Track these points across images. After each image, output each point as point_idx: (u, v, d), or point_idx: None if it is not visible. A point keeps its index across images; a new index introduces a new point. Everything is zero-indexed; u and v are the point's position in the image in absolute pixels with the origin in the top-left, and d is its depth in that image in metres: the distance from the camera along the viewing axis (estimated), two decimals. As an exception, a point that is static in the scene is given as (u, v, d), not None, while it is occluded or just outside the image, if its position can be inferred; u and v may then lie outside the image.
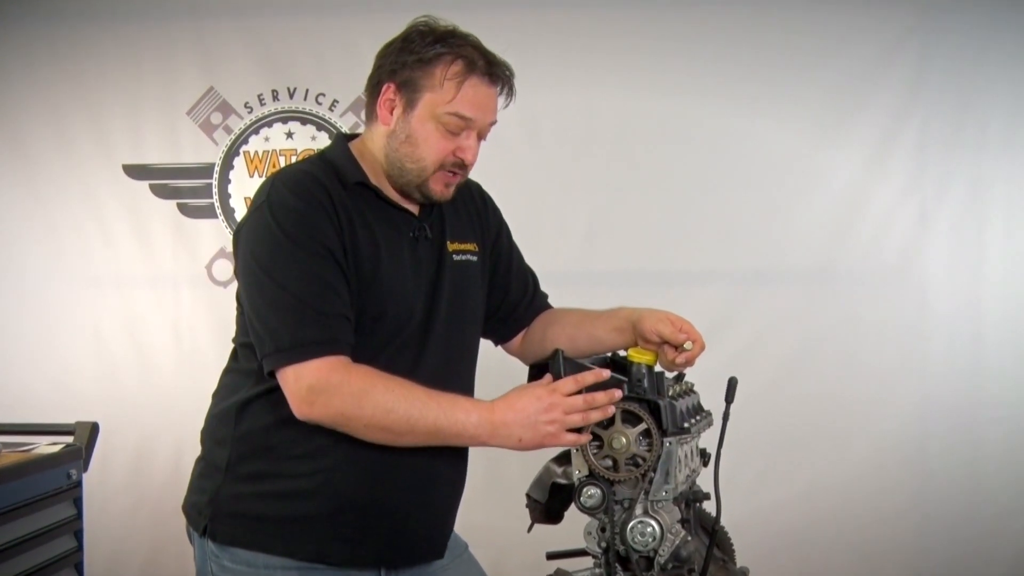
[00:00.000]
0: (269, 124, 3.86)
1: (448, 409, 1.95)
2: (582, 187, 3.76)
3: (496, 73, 2.06)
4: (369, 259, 2.03)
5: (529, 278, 2.43)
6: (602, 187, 3.76)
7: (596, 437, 2.05)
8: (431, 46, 2.03)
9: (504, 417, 1.96)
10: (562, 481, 2.12)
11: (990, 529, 3.66)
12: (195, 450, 2.21)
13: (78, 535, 3.29)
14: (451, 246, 2.20)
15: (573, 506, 2.08)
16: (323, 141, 3.79)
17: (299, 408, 1.97)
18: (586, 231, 3.75)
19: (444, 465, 2.20)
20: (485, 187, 2.40)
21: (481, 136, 2.11)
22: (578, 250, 3.72)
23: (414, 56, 2.03)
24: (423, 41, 2.03)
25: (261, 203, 2.01)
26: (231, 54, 3.86)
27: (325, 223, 1.98)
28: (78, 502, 3.28)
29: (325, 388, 1.93)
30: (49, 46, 3.93)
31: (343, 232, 2.00)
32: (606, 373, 1.99)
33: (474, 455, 2.28)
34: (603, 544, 2.02)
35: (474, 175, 2.47)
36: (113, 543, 3.89)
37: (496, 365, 2.39)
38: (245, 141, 3.86)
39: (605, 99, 3.75)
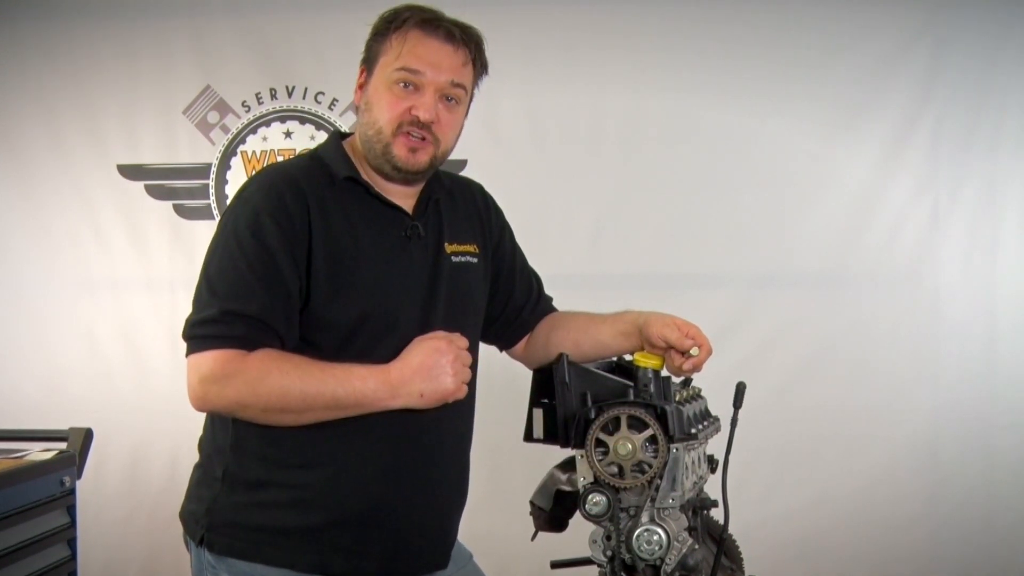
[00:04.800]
0: (267, 123, 3.86)
1: (343, 379, 1.97)
2: (589, 188, 3.76)
3: (441, 26, 2.07)
4: (349, 260, 2.04)
5: (533, 281, 2.44)
6: (609, 188, 3.76)
7: (601, 443, 2.06)
8: (387, 20, 2.08)
9: (401, 375, 2.00)
10: (567, 488, 2.13)
11: (1004, 538, 3.65)
12: (192, 456, 2.22)
13: (71, 544, 3.29)
14: (449, 247, 2.20)
15: (578, 514, 2.09)
16: (322, 140, 3.78)
17: (192, 400, 2.00)
18: (593, 233, 3.75)
19: (446, 473, 2.20)
20: (488, 187, 2.40)
21: (441, 94, 2.08)
22: (584, 252, 3.72)
23: (373, 32, 2.10)
24: (382, 19, 2.09)
25: (235, 196, 2.08)
26: (229, 52, 3.87)
27: (286, 229, 2.00)
28: (71, 510, 3.29)
29: (219, 378, 1.95)
30: (42, 43, 3.93)
31: (314, 235, 2.02)
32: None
33: (476, 461, 2.29)
34: (608, 552, 2.02)
35: (477, 174, 2.48)
36: (107, 551, 3.88)
37: (500, 371, 2.39)
38: (243, 141, 3.87)
39: (612, 98, 3.75)
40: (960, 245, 3.69)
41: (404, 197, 2.15)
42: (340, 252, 2.04)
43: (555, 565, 2.21)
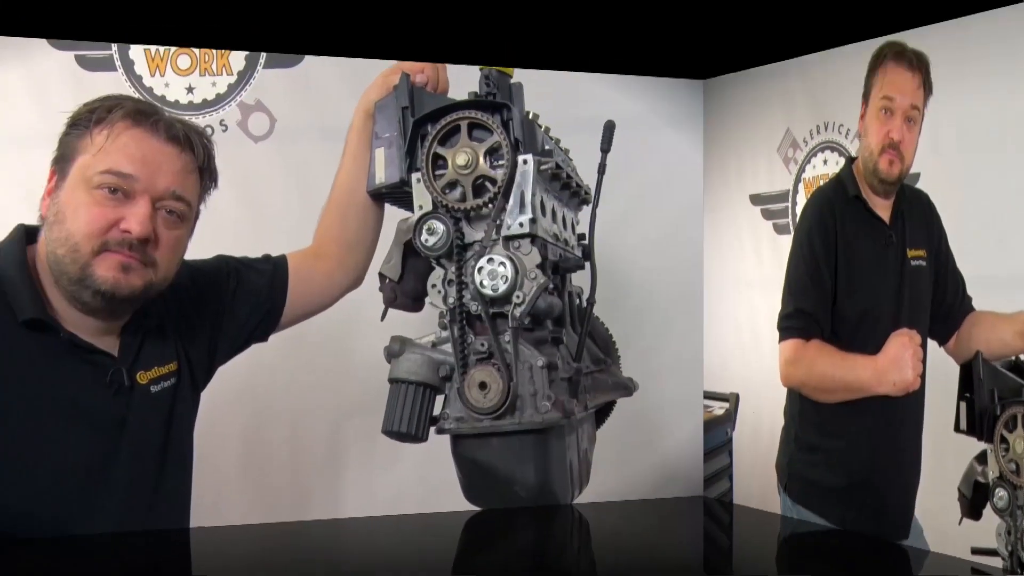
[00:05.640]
0: (815, 154, 3.50)
1: (852, 367, 1.99)
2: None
3: None
4: (856, 265, 1.96)
5: (960, 282, 1.99)
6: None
7: (1004, 439, 1.63)
8: None
9: (884, 365, 1.93)
10: (982, 480, 1.72)
11: None
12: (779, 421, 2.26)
13: (730, 478, 3.37)
14: (909, 252, 1.94)
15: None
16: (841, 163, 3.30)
17: (781, 377, 2.16)
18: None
19: (910, 453, 1.94)
20: (932, 196, 2.04)
21: None
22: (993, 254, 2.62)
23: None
24: None
25: (800, 216, 2.27)
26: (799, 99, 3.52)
27: (824, 239, 2.04)
28: (730, 454, 3.38)
29: (792, 361, 2.08)
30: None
31: (839, 244, 2.01)
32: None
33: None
34: (1009, 548, 1.59)
35: (926, 187, 2.10)
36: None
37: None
38: (803, 170, 3.56)
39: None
40: None
41: (884, 209, 2.04)
42: (851, 258, 1.97)
43: (975, 552, 1.78)
